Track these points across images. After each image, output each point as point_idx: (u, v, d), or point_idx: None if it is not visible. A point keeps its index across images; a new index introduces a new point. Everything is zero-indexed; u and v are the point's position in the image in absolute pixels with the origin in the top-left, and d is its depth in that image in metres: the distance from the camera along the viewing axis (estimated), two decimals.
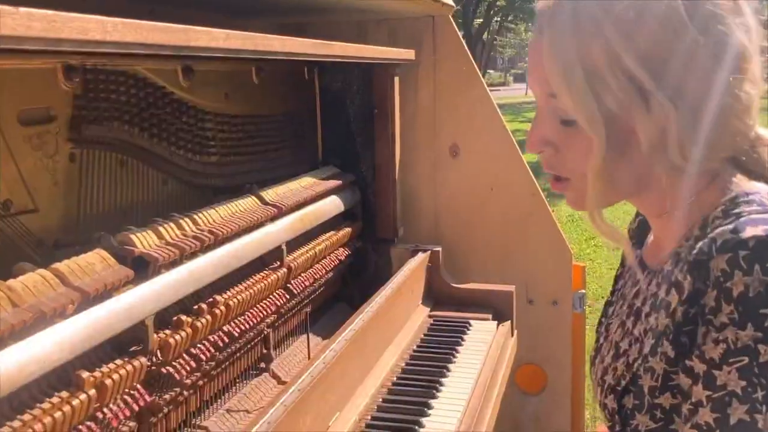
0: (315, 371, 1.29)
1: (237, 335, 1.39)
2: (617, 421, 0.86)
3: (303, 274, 1.72)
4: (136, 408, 1.08)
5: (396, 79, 2.08)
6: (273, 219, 1.57)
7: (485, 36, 24.73)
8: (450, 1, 2.19)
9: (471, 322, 1.96)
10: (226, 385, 1.45)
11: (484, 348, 1.81)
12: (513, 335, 2.03)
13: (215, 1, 1.66)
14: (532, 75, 0.87)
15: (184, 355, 1.22)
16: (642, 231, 1.01)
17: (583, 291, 2.32)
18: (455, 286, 2.10)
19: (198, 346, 1.26)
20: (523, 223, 2.28)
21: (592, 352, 1.01)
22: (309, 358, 1.71)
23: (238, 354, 1.48)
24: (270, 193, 1.62)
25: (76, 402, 0.94)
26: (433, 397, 1.54)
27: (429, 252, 2.07)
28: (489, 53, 26.64)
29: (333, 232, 1.93)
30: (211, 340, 1.30)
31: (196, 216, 1.32)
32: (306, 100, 2.10)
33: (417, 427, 1.41)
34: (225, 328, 1.35)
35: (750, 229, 0.72)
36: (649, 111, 0.78)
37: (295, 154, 2.03)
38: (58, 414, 0.91)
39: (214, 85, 1.64)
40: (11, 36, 0.65)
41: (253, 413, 1.44)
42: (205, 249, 1.29)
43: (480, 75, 2.29)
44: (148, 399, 1.11)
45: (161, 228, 1.22)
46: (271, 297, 1.55)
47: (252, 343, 1.54)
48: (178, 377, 1.20)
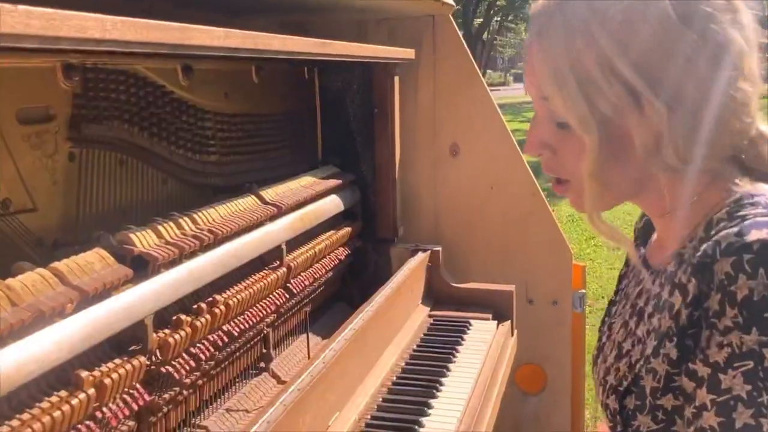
0: (315, 371, 1.29)
1: (236, 335, 1.39)
2: (619, 422, 0.86)
3: (303, 273, 1.71)
4: (135, 407, 1.08)
5: (396, 79, 2.07)
6: (273, 218, 1.57)
7: (485, 36, 24.74)
8: (450, 1, 2.19)
9: (471, 321, 1.96)
10: (225, 385, 1.44)
11: (484, 348, 1.81)
12: (513, 335, 2.03)
13: (215, 1, 1.66)
14: (527, 78, 0.87)
15: (183, 355, 1.22)
16: (647, 230, 1.01)
17: (583, 291, 2.32)
18: (455, 285, 2.10)
19: (197, 345, 1.26)
20: (524, 223, 2.27)
21: (594, 351, 1.00)
22: (309, 357, 1.71)
23: (237, 353, 1.47)
24: (270, 193, 1.62)
25: (75, 401, 0.94)
26: (433, 397, 1.54)
27: (429, 251, 2.07)
28: (489, 53, 26.65)
29: (333, 231, 1.92)
30: (211, 339, 1.30)
31: (195, 215, 1.32)
32: (306, 99, 2.10)
33: (417, 427, 1.41)
34: (224, 327, 1.35)
35: (755, 233, 0.71)
36: (643, 114, 0.78)
37: (295, 153, 2.02)
38: (57, 413, 0.91)
39: (213, 85, 1.64)
40: (10, 34, 0.65)
41: (253, 413, 1.44)
42: (205, 248, 1.29)
43: (480, 74, 2.29)
44: (147, 398, 1.11)
45: (161, 227, 1.22)
46: (271, 296, 1.55)
47: (251, 343, 1.54)
48: (177, 377, 1.19)
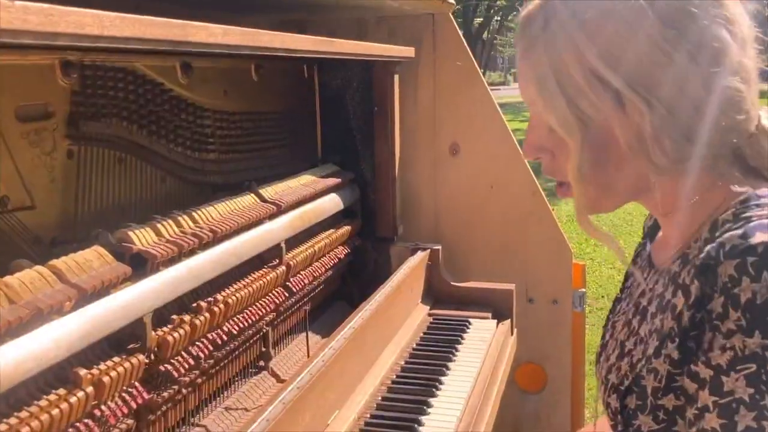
0: (314, 369, 1.28)
1: (236, 333, 1.38)
2: (620, 421, 0.85)
3: (302, 272, 1.71)
4: (134, 406, 1.08)
5: (396, 77, 2.07)
6: (272, 217, 1.56)
7: (485, 35, 24.74)
8: None
9: (471, 320, 1.96)
10: (224, 383, 1.44)
11: (483, 346, 1.81)
12: (513, 334, 2.03)
13: None
14: (518, 83, 0.88)
15: (182, 353, 1.22)
16: (656, 227, 1.00)
17: (583, 290, 2.32)
18: (455, 284, 2.10)
19: (196, 343, 1.26)
20: (524, 222, 2.27)
21: (598, 349, 1.00)
22: (308, 356, 1.70)
23: (236, 352, 1.47)
24: (269, 191, 1.62)
25: (73, 399, 0.94)
26: (433, 396, 1.53)
27: (429, 250, 2.07)
28: (489, 53, 26.65)
29: (332, 230, 1.92)
30: (210, 337, 1.30)
31: (194, 213, 1.31)
32: (305, 97, 2.09)
33: (416, 426, 1.41)
34: (224, 326, 1.34)
35: (760, 235, 0.70)
36: (625, 113, 0.78)
37: (295, 151, 2.02)
38: (55, 411, 0.91)
39: (213, 82, 1.63)
40: (7, 29, 0.64)
41: (252, 411, 1.43)
42: (204, 246, 1.29)
43: (480, 73, 2.28)
44: (146, 397, 1.11)
45: (159, 225, 1.21)
46: (270, 295, 1.55)
47: (251, 341, 1.53)
48: (176, 375, 1.19)
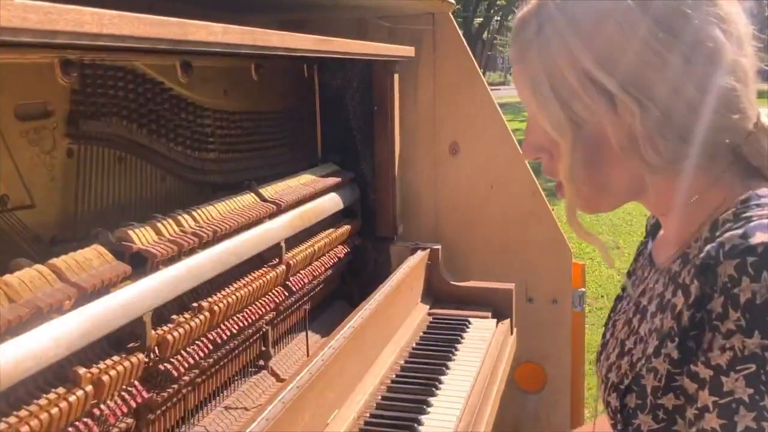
0: (314, 368, 1.28)
1: (235, 332, 1.38)
2: (619, 420, 0.85)
3: (302, 271, 1.71)
4: (133, 405, 1.08)
5: (396, 77, 2.07)
6: (272, 216, 1.56)
7: (485, 35, 24.73)
8: None
9: (470, 320, 1.96)
10: (224, 383, 1.44)
11: (483, 346, 1.81)
12: (512, 333, 2.03)
13: None
14: (515, 85, 0.89)
15: (182, 352, 1.22)
16: (658, 226, 1.00)
17: (583, 289, 2.32)
18: (455, 284, 2.10)
19: (196, 343, 1.26)
20: (523, 222, 2.27)
21: (599, 347, 1.00)
22: (308, 355, 1.70)
23: (236, 351, 1.47)
24: (269, 190, 1.62)
25: (72, 398, 0.94)
26: (433, 395, 1.53)
27: (428, 250, 2.07)
28: (489, 52, 26.65)
29: (332, 229, 1.92)
30: (210, 337, 1.30)
31: (194, 212, 1.31)
32: (305, 97, 2.09)
33: (416, 425, 1.41)
34: (223, 325, 1.34)
35: (760, 235, 0.70)
36: (616, 114, 0.78)
37: (295, 151, 2.02)
38: (54, 410, 0.91)
39: (213, 82, 1.63)
40: (7, 27, 0.64)
41: (252, 410, 1.43)
42: (204, 246, 1.29)
43: (480, 73, 2.28)
44: (145, 396, 1.11)
45: (159, 224, 1.21)
46: (270, 294, 1.54)
47: (250, 341, 1.53)
48: (176, 374, 1.19)
